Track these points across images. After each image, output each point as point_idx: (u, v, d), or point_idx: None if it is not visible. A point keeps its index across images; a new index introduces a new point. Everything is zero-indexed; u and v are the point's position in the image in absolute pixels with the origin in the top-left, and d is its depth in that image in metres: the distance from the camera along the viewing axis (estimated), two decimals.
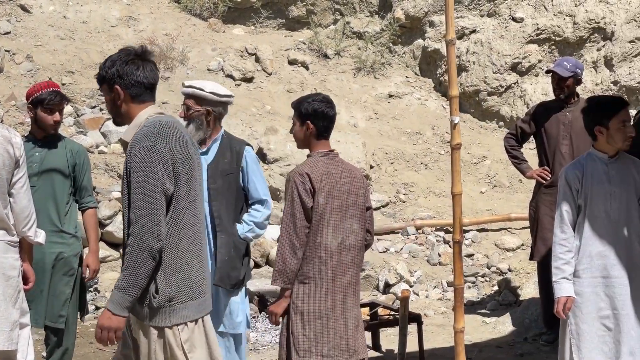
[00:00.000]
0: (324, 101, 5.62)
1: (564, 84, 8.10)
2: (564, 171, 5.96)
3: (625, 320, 5.74)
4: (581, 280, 5.89)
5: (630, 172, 5.81)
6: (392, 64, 13.25)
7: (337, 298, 5.51)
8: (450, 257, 10.24)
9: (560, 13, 11.95)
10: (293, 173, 5.50)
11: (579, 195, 5.87)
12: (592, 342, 5.86)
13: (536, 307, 8.65)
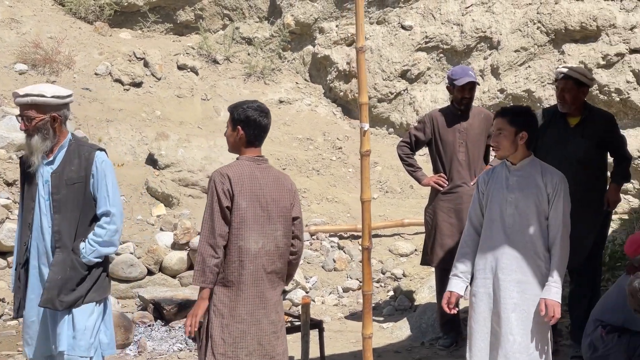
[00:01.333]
0: (259, 109, 5.60)
1: (473, 92, 8.30)
2: (479, 175, 6.17)
3: (505, 324, 5.92)
4: (476, 280, 6.08)
5: (534, 180, 5.96)
6: (282, 70, 13.25)
7: (255, 303, 5.49)
8: (345, 262, 10.31)
9: (448, 22, 12.17)
10: (215, 173, 5.48)
11: (483, 198, 6.06)
12: (483, 341, 6.02)
13: (432, 312, 8.78)
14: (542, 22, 11.55)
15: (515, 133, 5.98)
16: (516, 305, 5.94)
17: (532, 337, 5.97)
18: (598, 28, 11.20)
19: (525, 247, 5.95)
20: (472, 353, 6.06)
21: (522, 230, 5.96)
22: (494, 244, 6.00)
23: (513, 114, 6.02)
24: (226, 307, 5.48)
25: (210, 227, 5.39)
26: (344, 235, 10.76)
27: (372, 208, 11.07)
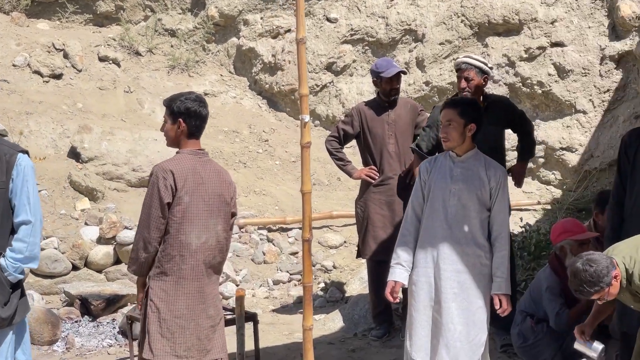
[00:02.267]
0: (197, 100, 5.57)
1: (400, 82, 8.37)
2: (421, 164, 6.20)
3: (446, 313, 6.00)
4: (417, 269, 6.13)
5: (478, 173, 6.03)
6: (206, 62, 13.15)
7: (195, 298, 5.46)
8: (274, 255, 10.29)
9: (373, 14, 12.20)
10: (157, 168, 5.42)
11: (425, 187, 6.10)
12: (423, 330, 6.09)
13: (364, 303, 8.81)
14: (466, 15, 11.68)
15: (465, 125, 6.04)
16: (456, 295, 6.01)
17: (472, 325, 6.03)
18: (520, 22, 11.37)
19: (466, 237, 6.02)
20: (413, 342, 6.10)
21: (463, 221, 6.02)
22: (436, 234, 6.05)
23: (463, 106, 6.07)
24: (163, 302, 5.43)
25: (146, 222, 5.35)
26: (272, 227, 10.73)
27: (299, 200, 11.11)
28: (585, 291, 5.21)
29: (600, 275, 5.16)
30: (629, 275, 5.30)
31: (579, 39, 11.10)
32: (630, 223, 6.15)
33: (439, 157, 6.23)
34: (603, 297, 5.25)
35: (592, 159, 11.01)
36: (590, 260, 5.23)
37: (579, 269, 5.23)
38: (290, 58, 12.51)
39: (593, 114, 11.06)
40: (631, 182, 6.17)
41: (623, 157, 6.21)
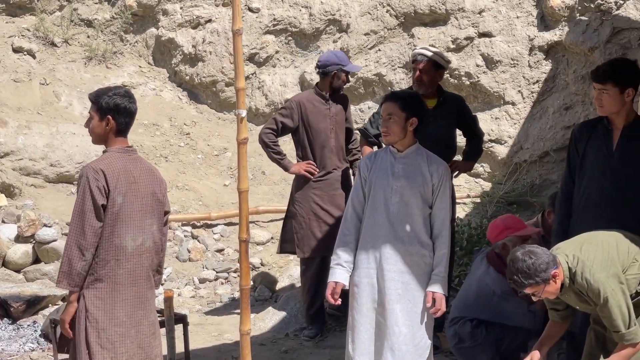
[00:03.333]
0: (126, 96, 5.28)
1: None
2: (361, 160, 6.01)
3: (390, 315, 5.80)
4: (359, 270, 5.92)
5: (420, 169, 5.84)
6: (124, 53, 12.72)
7: (134, 304, 5.16)
8: (200, 252, 9.98)
9: (297, 4, 11.94)
10: (87, 169, 5.10)
11: (365, 185, 5.90)
12: (366, 333, 5.88)
13: (295, 302, 8.60)
14: (392, 5, 11.49)
15: (406, 119, 5.85)
16: (401, 296, 5.82)
17: (417, 327, 5.86)
18: (447, 12, 11.23)
19: (409, 236, 5.83)
20: (356, 345, 5.88)
21: (406, 219, 5.83)
22: (378, 233, 5.84)
23: (405, 99, 5.88)
24: (101, 311, 5.12)
25: (80, 228, 5.01)
26: (197, 224, 10.40)
27: (224, 195, 10.88)
28: (519, 282, 5.12)
29: (538, 269, 5.07)
30: (572, 275, 5.20)
31: (507, 29, 11.00)
32: (578, 217, 6.09)
33: (379, 152, 6.02)
34: (537, 293, 5.15)
35: (522, 151, 10.92)
36: (532, 252, 5.14)
37: (517, 258, 5.13)
38: (211, 49, 12.18)
39: (522, 105, 10.98)
40: (580, 175, 6.09)
41: (573, 150, 6.16)
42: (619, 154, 5.96)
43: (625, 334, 5.18)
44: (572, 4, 10.69)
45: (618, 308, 5.14)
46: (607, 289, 5.14)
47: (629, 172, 5.95)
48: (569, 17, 10.74)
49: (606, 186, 5.96)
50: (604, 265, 5.23)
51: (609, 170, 5.96)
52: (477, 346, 7.05)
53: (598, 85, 5.92)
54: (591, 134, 6.07)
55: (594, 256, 5.27)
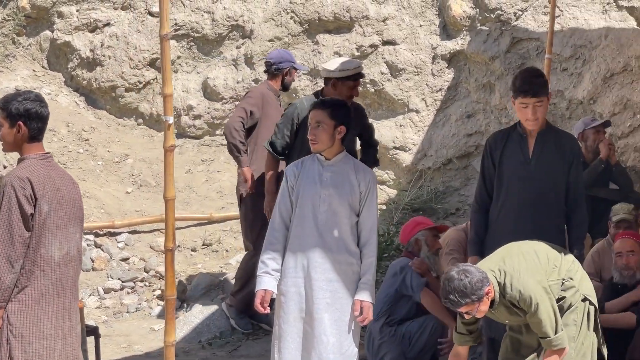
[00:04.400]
0: (37, 100, 5.08)
1: None
2: (287, 167, 5.96)
3: (318, 324, 5.77)
4: (286, 279, 5.87)
5: (348, 177, 5.83)
6: (17, 57, 12.33)
7: (61, 315, 4.97)
8: (104, 261, 9.74)
9: (199, 9, 11.79)
10: (11, 177, 4.89)
11: (293, 193, 5.85)
12: (294, 342, 5.83)
13: (208, 311, 8.49)
14: (296, 11, 11.46)
15: (335, 127, 5.82)
16: (329, 305, 5.80)
17: (344, 336, 5.84)
18: (352, 19, 11.26)
19: (337, 245, 5.81)
20: (282, 355, 5.82)
21: (334, 227, 5.81)
22: (306, 242, 5.80)
23: (334, 107, 5.86)
24: (26, 325, 4.91)
25: (8, 240, 4.81)
26: (100, 232, 10.14)
27: (127, 203, 10.66)
28: (455, 301, 5.14)
29: (474, 287, 5.12)
30: (501, 288, 5.27)
31: (410, 38, 11.10)
32: (498, 225, 6.15)
33: (306, 160, 5.97)
34: (472, 311, 5.20)
35: (426, 158, 11.03)
36: (466, 271, 5.18)
37: (453, 277, 5.16)
38: (110, 53, 11.91)
39: (426, 113, 11.09)
40: (498, 185, 6.15)
41: (487, 161, 6.20)
42: (536, 161, 6.06)
43: (553, 340, 5.26)
44: (473, 14, 10.87)
45: (547, 314, 5.23)
46: (537, 295, 5.21)
47: (546, 178, 6.07)
48: (470, 26, 10.91)
49: (525, 193, 6.05)
50: (530, 274, 5.31)
51: (527, 178, 6.05)
52: (383, 344, 7.14)
53: (533, 99, 5.92)
54: (506, 142, 6.15)
55: (518, 266, 5.34)
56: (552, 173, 6.08)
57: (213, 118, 11.68)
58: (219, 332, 8.34)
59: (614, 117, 9.83)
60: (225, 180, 11.05)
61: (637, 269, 7.10)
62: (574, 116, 10.18)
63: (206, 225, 10.39)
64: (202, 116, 11.70)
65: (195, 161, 11.39)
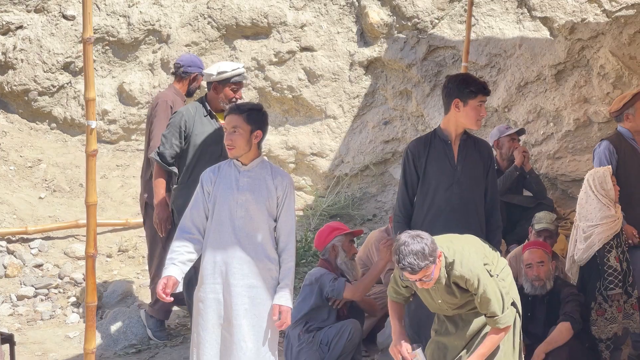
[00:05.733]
0: None
1: None
2: (203, 173, 5.91)
3: (237, 331, 5.76)
4: (205, 286, 5.86)
5: (265, 182, 5.83)
6: None
7: None
8: (17, 268, 9.53)
9: (114, 13, 11.64)
10: None
11: (209, 199, 5.83)
12: (212, 349, 5.82)
13: (124, 318, 8.40)
14: (213, 17, 11.41)
15: (251, 131, 5.82)
16: (247, 311, 5.80)
17: (263, 341, 5.85)
18: (269, 25, 11.25)
19: (256, 250, 5.81)
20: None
21: (253, 233, 5.81)
22: (224, 248, 5.78)
23: (250, 112, 5.85)
24: None
25: None
26: (12, 238, 9.93)
27: (40, 209, 10.47)
28: (415, 263, 5.09)
29: (430, 249, 5.13)
30: (448, 264, 5.26)
31: (328, 44, 11.14)
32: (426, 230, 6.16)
33: (223, 165, 5.94)
34: (426, 277, 5.17)
35: (343, 164, 11.08)
36: (419, 235, 5.18)
37: (407, 242, 5.12)
38: (23, 57, 11.67)
39: (343, 119, 11.14)
40: (423, 192, 6.20)
41: (409, 168, 6.23)
42: (461, 167, 6.16)
43: (501, 318, 5.30)
44: (391, 21, 10.96)
45: (494, 294, 5.27)
46: (483, 277, 5.25)
47: (471, 183, 6.19)
48: (387, 34, 11.00)
49: (453, 198, 6.14)
50: (477, 257, 5.37)
51: (454, 183, 6.14)
52: (302, 350, 7.15)
53: (484, 98, 6.10)
54: (429, 149, 6.21)
55: (468, 248, 5.42)
56: (475, 178, 6.23)
57: (129, 123, 11.54)
58: (136, 340, 8.21)
59: (528, 125, 10.02)
60: (140, 186, 10.92)
61: (547, 279, 7.24)
62: (489, 124, 10.33)
63: (122, 231, 10.26)
64: (118, 121, 11.56)
65: (110, 166, 11.24)
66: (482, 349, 5.36)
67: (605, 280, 7.23)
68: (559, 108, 10.00)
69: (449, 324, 5.58)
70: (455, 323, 5.55)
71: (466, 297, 5.36)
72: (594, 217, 7.29)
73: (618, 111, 7.89)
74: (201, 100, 7.55)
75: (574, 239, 7.52)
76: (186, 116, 7.45)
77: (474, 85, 6.11)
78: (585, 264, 7.37)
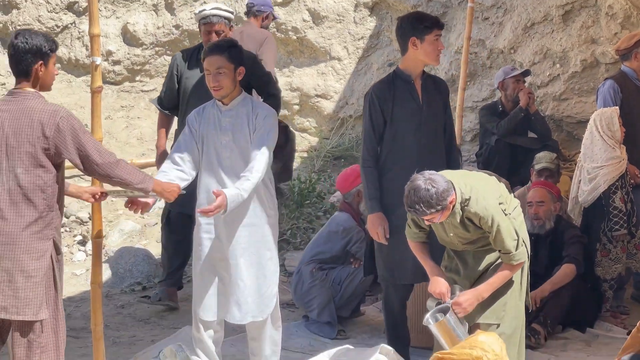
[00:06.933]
0: None
1: None
2: (189, 115, 5.90)
3: (234, 269, 5.78)
4: (201, 226, 5.89)
5: (245, 119, 5.80)
6: None
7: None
8: None
9: None
10: None
11: (198, 140, 5.80)
12: (212, 289, 5.85)
13: (129, 257, 8.47)
14: None
15: (234, 69, 5.77)
16: (244, 250, 5.81)
17: (262, 279, 5.87)
18: None
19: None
20: (202, 302, 5.84)
21: (236, 170, 5.76)
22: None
23: (229, 50, 5.78)
24: None
25: None
26: None
27: None
28: (421, 210, 5.09)
29: (440, 197, 5.10)
30: (464, 201, 5.25)
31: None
32: (393, 175, 6.10)
33: (207, 106, 5.87)
34: (434, 220, 5.18)
35: (347, 106, 11.07)
36: (432, 180, 5.13)
37: (420, 187, 5.10)
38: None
39: (347, 61, 11.10)
40: (391, 135, 6.12)
41: (375, 112, 6.11)
42: (426, 106, 6.14)
43: (515, 255, 5.29)
44: None
45: (508, 232, 5.25)
46: (497, 216, 5.23)
47: (434, 121, 6.20)
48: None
49: (422, 138, 6.11)
50: (491, 195, 5.33)
51: (422, 123, 6.12)
52: (312, 288, 7.20)
53: (439, 32, 6.08)
54: (394, 91, 6.12)
55: (484, 186, 5.39)
56: (437, 116, 6.23)
57: (133, 64, 11.50)
58: (142, 278, 8.29)
59: (533, 67, 9.98)
60: (145, 127, 10.94)
61: (547, 219, 7.26)
62: (494, 65, 10.30)
63: None
64: (122, 62, 11.52)
65: (115, 107, 11.24)
66: (493, 279, 5.37)
67: (610, 222, 7.27)
68: (565, 49, 9.94)
69: (459, 261, 5.57)
70: (465, 261, 5.54)
71: (478, 233, 5.36)
72: (599, 159, 7.31)
73: (627, 49, 7.87)
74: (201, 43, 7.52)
75: (577, 180, 7.54)
76: (178, 60, 7.43)
77: (427, 21, 6.06)
78: (590, 205, 7.40)
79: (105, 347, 5.66)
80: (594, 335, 7.17)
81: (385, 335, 6.47)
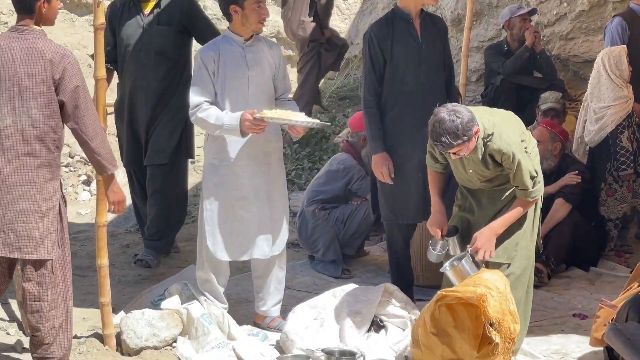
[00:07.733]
0: None
1: None
2: (199, 52, 5.80)
3: (261, 206, 5.87)
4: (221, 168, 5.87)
5: (265, 55, 5.80)
6: None
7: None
8: None
9: None
10: None
11: (215, 78, 5.74)
12: (229, 228, 5.82)
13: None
14: None
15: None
16: (259, 189, 5.81)
17: (273, 211, 5.88)
18: None
19: (269, 128, 5.76)
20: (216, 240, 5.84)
21: (264, 107, 5.75)
22: None
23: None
24: None
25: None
26: None
27: None
28: (448, 143, 5.03)
29: (465, 128, 5.03)
30: (487, 136, 5.20)
31: None
32: (396, 114, 6.12)
33: (220, 43, 5.76)
34: (460, 152, 5.13)
35: (353, 46, 10.99)
36: (456, 111, 5.06)
37: (444, 119, 5.04)
38: None
39: (352, 0, 11.01)
40: (391, 74, 6.08)
41: (375, 52, 6.08)
42: (426, 44, 6.10)
43: (532, 192, 5.28)
44: None
45: (527, 169, 5.21)
46: (519, 152, 5.20)
47: (435, 60, 6.16)
48: None
49: (422, 77, 6.09)
50: (513, 132, 5.28)
51: (422, 61, 6.09)
52: (316, 229, 7.22)
53: None
54: (393, 30, 6.09)
55: (507, 122, 5.34)
56: (438, 54, 6.19)
57: None
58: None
59: (540, 5, 9.85)
60: None
61: (545, 158, 7.21)
62: (501, 4, 10.18)
63: None
64: None
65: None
66: (507, 215, 5.34)
67: (617, 161, 7.25)
68: None
69: (473, 200, 5.53)
70: (479, 201, 5.50)
71: (497, 171, 5.32)
72: (607, 98, 7.27)
73: None
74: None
75: (583, 119, 7.51)
76: (112, 9, 6.97)
77: None
78: (596, 145, 7.38)
79: (111, 285, 5.67)
80: (597, 273, 7.20)
81: (389, 275, 6.50)
